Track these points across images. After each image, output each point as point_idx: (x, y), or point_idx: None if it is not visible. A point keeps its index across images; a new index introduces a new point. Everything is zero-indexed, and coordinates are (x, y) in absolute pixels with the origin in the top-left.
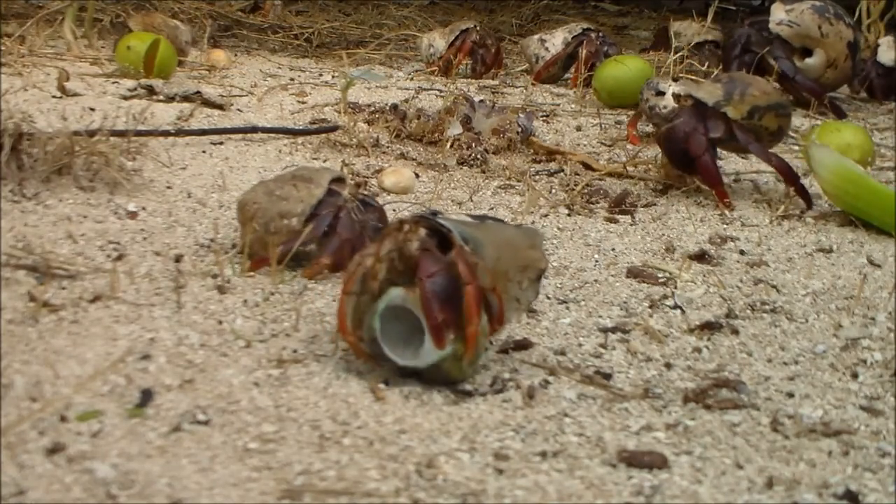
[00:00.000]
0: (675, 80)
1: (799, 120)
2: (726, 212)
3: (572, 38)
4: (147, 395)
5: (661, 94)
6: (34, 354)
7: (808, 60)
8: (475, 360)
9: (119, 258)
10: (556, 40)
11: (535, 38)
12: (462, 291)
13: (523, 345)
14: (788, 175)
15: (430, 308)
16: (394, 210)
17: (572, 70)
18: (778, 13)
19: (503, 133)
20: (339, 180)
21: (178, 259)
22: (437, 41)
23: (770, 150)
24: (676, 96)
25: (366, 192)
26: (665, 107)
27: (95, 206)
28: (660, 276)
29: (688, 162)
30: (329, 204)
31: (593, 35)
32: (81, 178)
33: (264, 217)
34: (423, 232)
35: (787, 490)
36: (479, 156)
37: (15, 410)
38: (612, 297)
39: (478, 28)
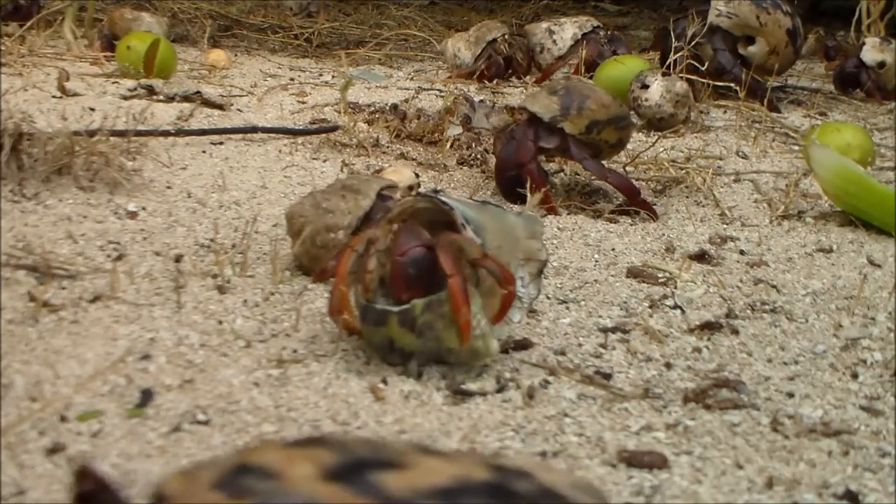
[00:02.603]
0: (664, 74)
1: (799, 120)
2: (726, 212)
3: (582, 35)
4: (147, 395)
5: (645, 87)
6: (34, 354)
7: (751, 49)
8: (487, 344)
9: (119, 258)
10: (565, 34)
11: (543, 26)
12: (435, 266)
13: (523, 345)
14: (628, 191)
15: (397, 287)
16: None
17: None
18: (718, 5)
19: None
20: (390, 187)
21: (178, 259)
22: (462, 51)
23: (608, 166)
24: (511, 109)
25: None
26: (647, 99)
27: (95, 206)
28: (660, 276)
29: (513, 182)
30: (377, 214)
31: (601, 33)
32: (81, 178)
33: (311, 230)
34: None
35: (787, 490)
36: (479, 156)
37: (15, 410)
38: (612, 297)
39: (506, 37)
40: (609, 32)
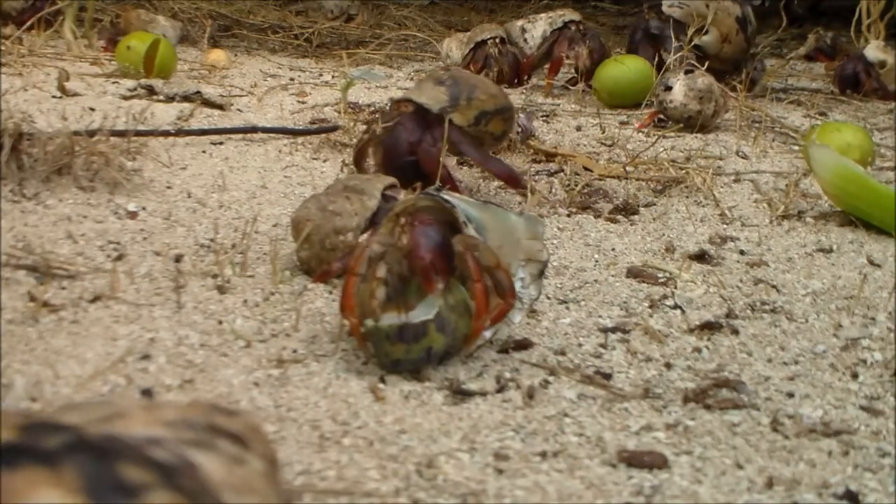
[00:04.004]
0: (687, 72)
1: (799, 120)
2: (726, 212)
3: (552, 31)
4: (147, 395)
5: (669, 88)
6: (34, 354)
7: (705, 38)
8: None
9: (119, 258)
10: (536, 31)
11: (518, 24)
12: (451, 246)
13: (523, 345)
14: (509, 179)
15: (418, 249)
16: None
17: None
18: None
19: None
20: (392, 186)
21: (178, 259)
22: (454, 51)
23: (490, 155)
24: (396, 101)
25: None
26: (672, 101)
27: (95, 206)
28: (660, 276)
29: (407, 169)
30: (385, 213)
31: (572, 28)
32: (81, 178)
33: (319, 234)
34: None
35: (787, 490)
36: None
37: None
38: (612, 297)
39: (497, 39)
40: (584, 27)
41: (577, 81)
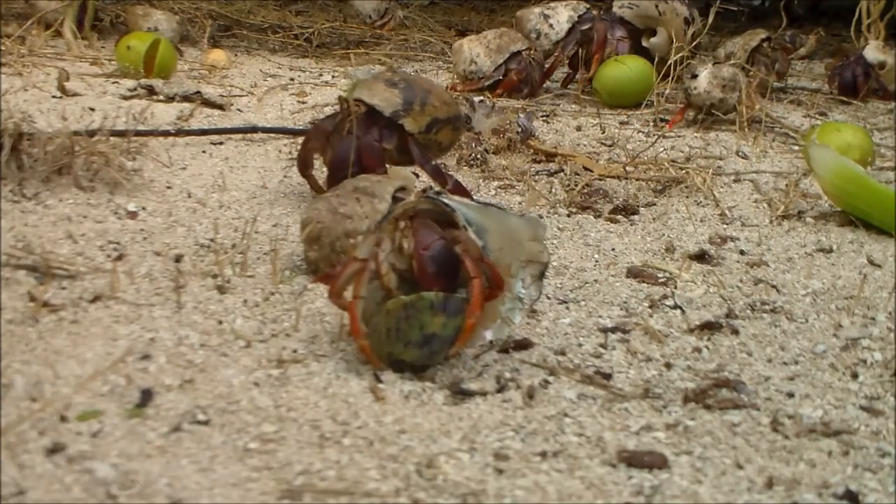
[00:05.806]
0: (715, 63)
1: (799, 120)
2: (726, 212)
3: (578, 17)
4: (147, 395)
5: (695, 76)
6: (34, 354)
7: (654, 40)
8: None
9: (119, 258)
10: (560, 17)
11: (537, 11)
12: (458, 259)
13: (523, 345)
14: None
15: (426, 281)
16: None
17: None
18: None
19: (503, 133)
20: (403, 189)
21: (178, 259)
22: (481, 58)
23: (445, 171)
24: (343, 100)
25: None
26: (696, 88)
27: (95, 206)
28: (660, 276)
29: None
30: None
31: (595, 14)
32: (81, 178)
33: (330, 236)
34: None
35: (787, 490)
36: (479, 156)
37: (15, 410)
38: (612, 297)
39: (531, 50)
40: (602, 12)
41: (570, 80)
